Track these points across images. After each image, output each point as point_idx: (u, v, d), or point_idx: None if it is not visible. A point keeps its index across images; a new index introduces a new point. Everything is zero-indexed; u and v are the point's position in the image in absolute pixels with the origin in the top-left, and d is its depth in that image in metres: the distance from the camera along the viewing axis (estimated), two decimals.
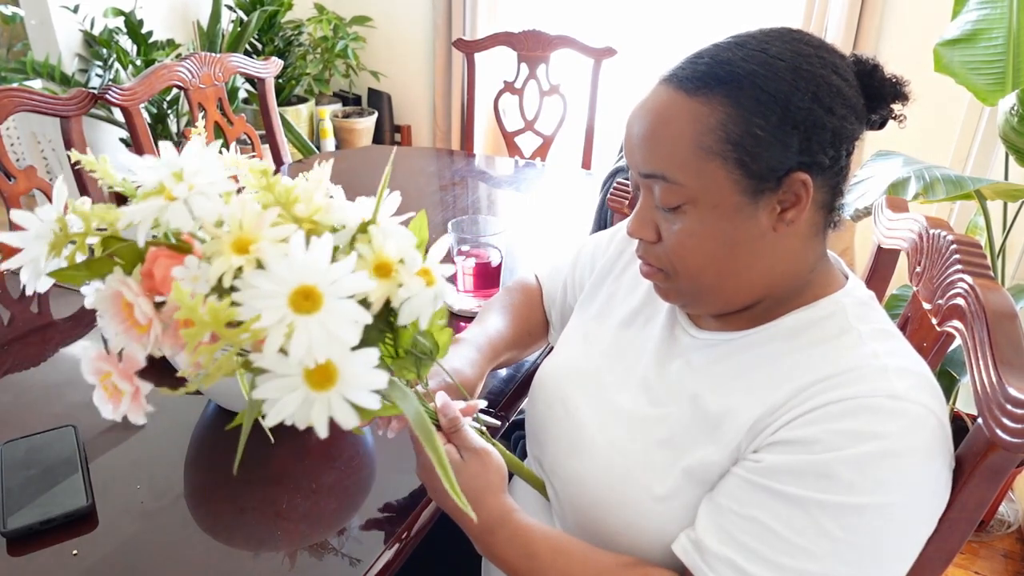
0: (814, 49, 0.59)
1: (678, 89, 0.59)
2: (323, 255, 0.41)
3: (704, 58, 0.60)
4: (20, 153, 3.40)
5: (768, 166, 0.58)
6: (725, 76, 0.58)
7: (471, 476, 0.66)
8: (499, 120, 2.25)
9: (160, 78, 1.67)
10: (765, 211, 0.59)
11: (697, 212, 0.60)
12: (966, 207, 2.19)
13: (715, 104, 0.57)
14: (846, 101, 0.59)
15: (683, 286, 0.65)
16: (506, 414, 0.96)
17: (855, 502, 0.53)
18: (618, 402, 0.71)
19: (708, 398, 0.64)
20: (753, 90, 0.57)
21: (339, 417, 0.42)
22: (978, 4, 1.56)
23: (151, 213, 0.43)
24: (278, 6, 2.87)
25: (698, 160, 0.58)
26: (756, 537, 0.56)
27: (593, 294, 0.85)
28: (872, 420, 0.54)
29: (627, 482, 0.66)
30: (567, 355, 0.81)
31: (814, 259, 0.64)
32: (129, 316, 0.43)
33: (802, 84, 0.57)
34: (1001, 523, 1.77)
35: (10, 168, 1.41)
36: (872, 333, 0.61)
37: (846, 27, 2.20)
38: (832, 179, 0.61)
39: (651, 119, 0.61)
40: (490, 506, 0.67)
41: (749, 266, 0.62)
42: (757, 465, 0.58)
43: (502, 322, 0.91)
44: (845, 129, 0.59)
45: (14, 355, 1.06)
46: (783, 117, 0.57)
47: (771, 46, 0.59)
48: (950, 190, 1.29)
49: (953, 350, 0.94)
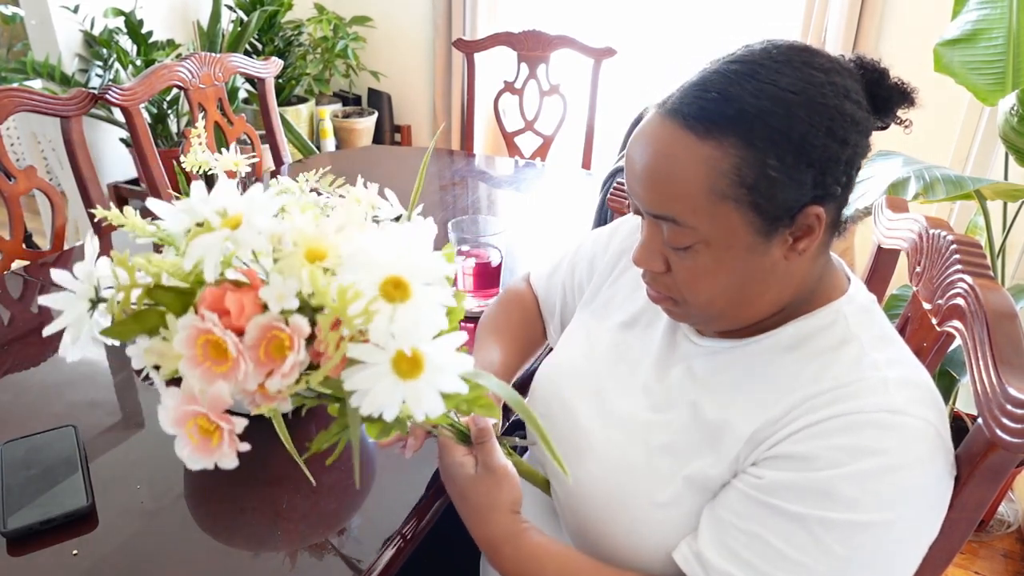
0: (825, 75, 0.56)
1: (686, 129, 0.56)
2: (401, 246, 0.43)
3: (711, 92, 0.56)
4: (20, 153, 3.40)
5: (783, 206, 0.56)
6: (736, 116, 0.54)
7: (481, 492, 0.66)
8: (499, 120, 2.25)
9: (160, 78, 1.67)
10: (778, 245, 0.58)
11: (709, 252, 0.58)
12: (966, 207, 2.19)
13: (727, 147, 0.54)
14: (858, 127, 0.57)
15: (693, 312, 0.64)
16: (506, 414, 0.96)
17: (856, 519, 0.53)
18: (619, 407, 0.71)
19: (708, 407, 0.64)
20: (766, 130, 0.54)
21: (427, 405, 0.42)
22: (978, 4, 1.56)
23: (216, 247, 0.42)
24: (278, 6, 2.87)
25: (711, 204, 0.56)
26: (757, 553, 0.56)
27: (593, 295, 0.85)
28: (872, 436, 0.54)
29: (628, 488, 0.66)
30: (567, 356, 0.81)
31: (821, 269, 0.64)
32: (206, 356, 0.42)
33: (816, 120, 0.54)
34: (1001, 523, 1.77)
35: (10, 168, 1.41)
36: (873, 341, 0.61)
37: (846, 27, 2.19)
38: (841, 200, 0.60)
39: (659, 160, 0.57)
40: (496, 523, 0.66)
41: (761, 294, 0.61)
42: (759, 481, 0.58)
43: (504, 350, 0.89)
44: (857, 155, 0.58)
45: (14, 355, 1.06)
46: (798, 156, 0.55)
47: (782, 76, 0.55)
48: (950, 190, 1.29)
49: (953, 350, 0.94)
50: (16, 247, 1.43)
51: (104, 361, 1.06)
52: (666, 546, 0.63)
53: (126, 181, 2.81)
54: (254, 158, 0.95)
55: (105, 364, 1.05)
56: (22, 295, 1.24)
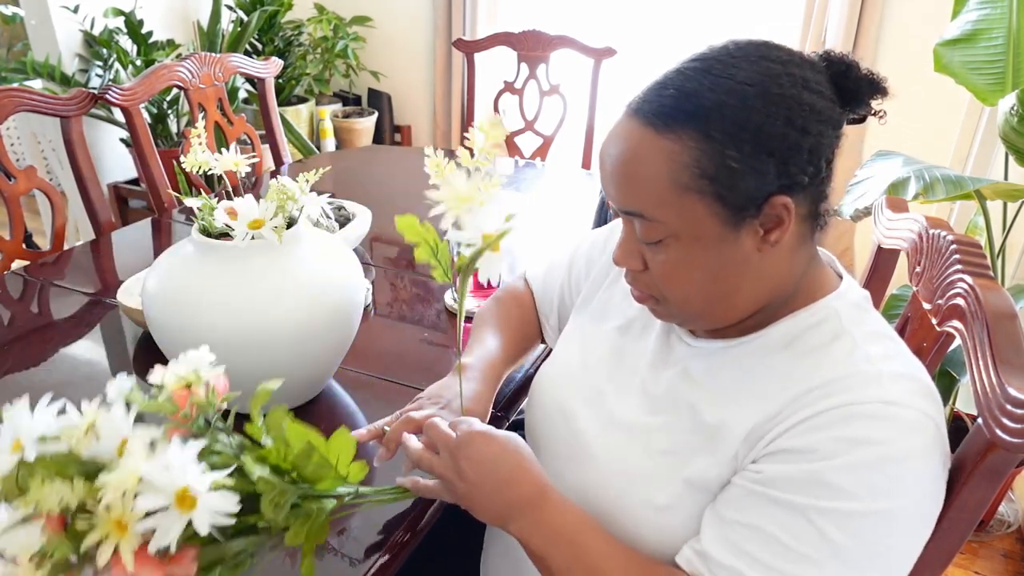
0: (782, 66, 0.57)
1: (646, 125, 0.58)
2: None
3: (669, 89, 0.58)
4: (20, 153, 3.40)
5: (746, 196, 0.57)
6: (693, 110, 0.56)
7: (488, 459, 0.66)
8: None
9: (160, 78, 1.67)
10: (748, 236, 0.59)
11: (680, 245, 0.60)
12: (966, 207, 2.19)
13: (686, 140, 0.56)
14: (820, 116, 0.57)
15: (674, 310, 0.65)
16: (506, 414, 0.96)
17: (854, 508, 0.54)
18: (617, 411, 0.71)
19: (705, 409, 0.64)
20: (723, 122, 0.55)
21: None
22: (978, 4, 1.56)
23: None
24: (278, 6, 2.88)
25: (675, 197, 0.57)
26: (760, 545, 0.56)
27: (590, 298, 0.84)
28: (867, 427, 0.55)
29: (627, 492, 0.66)
30: (565, 360, 0.81)
31: (803, 265, 0.64)
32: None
33: (773, 109, 0.55)
34: (1001, 523, 1.77)
35: (10, 168, 1.41)
36: (866, 336, 0.61)
37: (846, 27, 2.19)
38: (813, 191, 0.60)
39: (624, 158, 0.59)
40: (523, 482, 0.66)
41: (737, 288, 0.62)
42: (758, 475, 0.58)
43: (500, 341, 0.89)
44: (822, 144, 0.58)
45: (14, 355, 1.06)
46: (756, 146, 0.55)
47: (738, 70, 0.57)
48: (950, 190, 1.29)
49: (953, 350, 0.94)
50: (16, 247, 1.43)
51: (104, 361, 1.06)
52: (665, 550, 0.63)
53: (126, 181, 2.81)
54: (254, 158, 0.95)
55: (105, 364, 1.05)
56: (22, 295, 1.24)
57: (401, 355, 1.08)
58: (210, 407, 0.55)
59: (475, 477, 0.64)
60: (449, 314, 1.19)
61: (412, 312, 1.22)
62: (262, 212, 0.81)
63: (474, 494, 0.65)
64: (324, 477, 0.61)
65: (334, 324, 0.87)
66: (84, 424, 0.50)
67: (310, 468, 0.59)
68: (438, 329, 1.16)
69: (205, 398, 0.55)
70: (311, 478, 0.60)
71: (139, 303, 0.99)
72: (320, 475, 0.61)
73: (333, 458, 0.59)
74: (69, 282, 1.28)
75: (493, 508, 0.65)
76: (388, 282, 1.33)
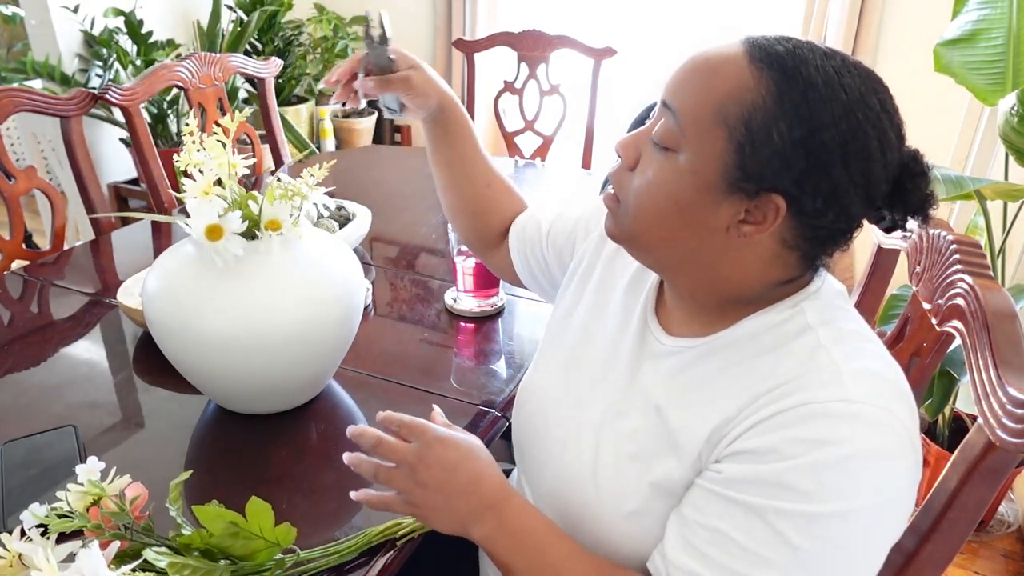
0: (879, 111, 0.56)
1: (746, 52, 0.57)
2: None
3: (789, 43, 0.57)
4: (20, 153, 3.40)
5: (760, 171, 0.56)
6: (790, 69, 0.56)
7: (451, 463, 0.67)
8: (499, 120, 2.25)
9: (160, 78, 1.67)
10: (729, 210, 0.58)
11: (674, 168, 0.59)
12: (966, 207, 2.19)
13: (763, 84, 0.56)
14: (866, 171, 0.56)
15: (624, 222, 0.64)
16: (506, 414, 0.96)
17: (814, 510, 0.53)
18: (591, 418, 0.71)
19: (670, 412, 0.64)
20: (800, 98, 0.55)
21: None
22: (978, 4, 1.56)
23: None
24: (278, 6, 2.88)
25: (711, 120, 0.57)
26: (718, 547, 0.56)
27: (575, 294, 0.83)
28: (825, 426, 0.54)
29: (597, 499, 0.66)
30: (545, 368, 0.81)
31: (770, 282, 0.62)
32: None
33: (843, 125, 0.54)
34: (1001, 523, 1.77)
35: (10, 168, 1.41)
36: (832, 334, 0.59)
37: (846, 27, 2.19)
38: (805, 229, 0.58)
39: (708, 60, 0.59)
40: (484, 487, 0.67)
41: (685, 243, 0.61)
42: (718, 476, 0.58)
43: (482, 152, 0.91)
44: (848, 195, 0.56)
45: (14, 355, 1.06)
46: (804, 139, 0.55)
47: (850, 78, 0.56)
48: (950, 190, 1.29)
49: (953, 350, 0.94)
50: (16, 247, 1.43)
51: (104, 361, 1.06)
52: (640, 557, 0.63)
53: (126, 181, 2.81)
54: (251, 158, 0.95)
55: (105, 364, 1.05)
56: (22, 295, 1.24)
57: (401, 355, 1.08)
58: (124, 515, 0.60)
59: (435, 484, 0.65)
60: (449, 314, 1.19)
61: (412, 312, 1.22)
62: (273, 214, 0.82)
63: (434, 501, 0.65)
64: (256, 550, 0.63)
65: (334, 324, 0.87)
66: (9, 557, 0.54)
67: (238, 546, 0.62)
68: (438, 329, 1.16)
69: (117, 508, 0.59)
70: (242, 554, 0.63)
71: (139, 303, 0.99)
72: (251, 549, 0.63)
73: (256, 529, 0.61)
74: (69, 282, 1.28)
75: (455, 515, 0.65)
76: (388, 282, 1.33)
